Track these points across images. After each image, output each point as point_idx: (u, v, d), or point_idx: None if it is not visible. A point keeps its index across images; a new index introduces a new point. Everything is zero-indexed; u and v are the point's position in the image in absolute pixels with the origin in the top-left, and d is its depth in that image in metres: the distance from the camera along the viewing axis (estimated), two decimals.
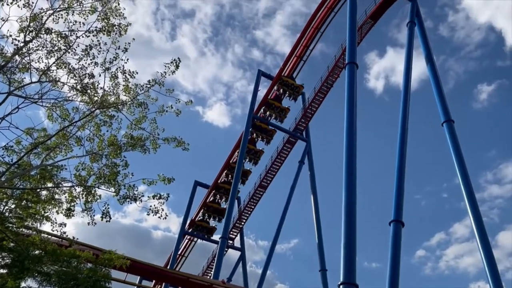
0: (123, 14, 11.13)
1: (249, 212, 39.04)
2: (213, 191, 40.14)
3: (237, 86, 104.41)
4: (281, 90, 35.82)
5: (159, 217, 10.98)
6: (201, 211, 41.05)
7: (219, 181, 39.83)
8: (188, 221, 41.46)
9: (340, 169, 18.30)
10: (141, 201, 11.09)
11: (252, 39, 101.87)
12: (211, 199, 40.34)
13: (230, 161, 38.79)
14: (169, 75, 10.73)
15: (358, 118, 19.63)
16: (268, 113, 36.52)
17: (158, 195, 11.17)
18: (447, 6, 74.25)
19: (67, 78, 10.77)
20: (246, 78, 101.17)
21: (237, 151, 35.94)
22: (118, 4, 10.69)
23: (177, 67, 10.64)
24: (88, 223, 11.44)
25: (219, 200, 40.48)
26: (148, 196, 11.23)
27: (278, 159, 37.10)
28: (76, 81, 10.68)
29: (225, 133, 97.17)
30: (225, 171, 39.30)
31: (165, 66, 10.61)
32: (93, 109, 10.95)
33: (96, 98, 10.95)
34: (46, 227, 13.84)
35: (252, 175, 38.92)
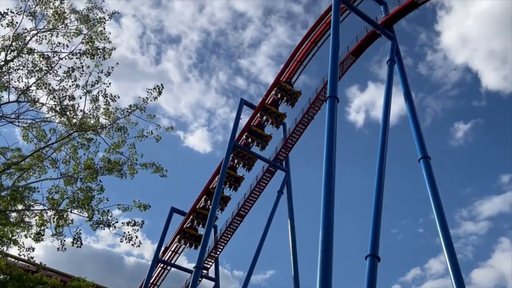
0: (108, 38, 11.17)
1: (225, 241, 38.44)
2: (191, 217, 39.53)
3: (220, 113, 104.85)
4: (264, 118, 36.03)
5: (132, 244, 10.71)
6: (177, 237, 40.25)
7: (197, 207, 39.30)
8: (162, 249, 40.51)
9: (318, 201, 18.38)
10: (114, 227, 10.82)
11: (236, 67, 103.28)
12: (188, 225, 39.68)
13: (210, 187, 38.45)
14: (151, 100, 10.72)
15: (338, 150, 19.87)
16: (250, 139, 36.58)
17: (133, 222, 10.93)
18: (426, 45, 77.30)
19: (47, 99, 10.65)
20: (229, 105, 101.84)
21: (217, 176, 35.70)
22: (104, 28, 10.74)
23: (159, 93, 10.65)
24: (58, 249, 11.06)
25: (196, 226, 39.90)
26: (122, 223, 10.99)
27: (257, 188, 36.95)
28: (56, 103, 10.55)
29: (205, 159, 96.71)
30: (204, 197, 38.87)
31: (148, 92, 10.61)
32: (71, 131, 10.78)
33: (75, 120, 10.81)
34: (13, 251, 13.31)
35: (231, 203, 38.62)
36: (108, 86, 10.50)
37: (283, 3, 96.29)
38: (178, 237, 40.21)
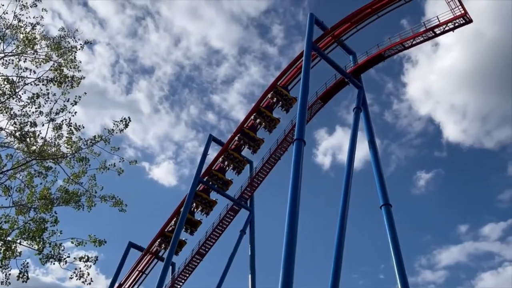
0: (79, 66, 11.05)
1: (183, 280, 37.15)
2: (148, 255, 38.15)
3: (188, 147, 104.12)
4: (226, 163, 36.03)
5: (83, 282, 10.15)
6: (134, 274, 38.59)
7: (152, 247, 38.00)
8: (116, 285, 38.62)
9: (281, 242, 18.29)
10: (66, 262, 10.28)
11: (208, 102, 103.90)
12: (144, 263, 38.21)
13: (166, 230, 37.48)
14: (117, 132, 10.53)
15: (303, 192, 20.06)
16: (214, 178, 36.29)
17: (86, 257, 10.42)
18: (393, 95, 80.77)
19: (7, 124, 10.27)
20: (198, 139, 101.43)
21: (174, 220, 35.10)
22: (75, 58, 10.63)
23: (126, 126, 10.50)
24: (2, 282, 10.35)
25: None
26: (74, 257, 10.44)
27: (219, 227, 36.33)
28: (16, 128, 10.18)
29: (169, 193, 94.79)
30: (158, 240, 37.80)
31: (114, 124, 10.44)
32: (29, 158, 10.38)
33: (34, 147, 10.43)
34: None
35: (193, 240, 37.67)
36: (73, 115, 10.29)
37: (258, 44, 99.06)
38: (134, 273, 38.58)
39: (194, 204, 35.67)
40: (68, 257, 10.37)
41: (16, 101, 10.12)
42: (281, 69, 36.26)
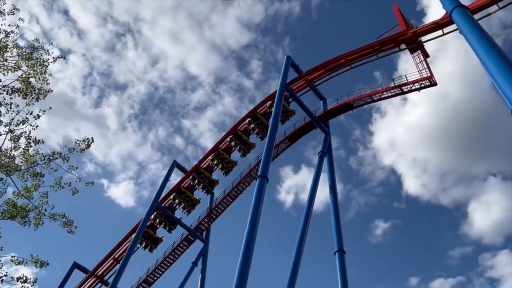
0: (48, 79, 10.83)
1: None
2: (92, 278, 36.38)
3: (151, 168, 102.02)
4: (196, 181, 35.46)
5: None
6: None
7: (98, 270, 36.36)
8: None
9: (233, 277, 17.93)
10: (2, 281, 9.68)
11: (178, 126, 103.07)
12: (87, 286, 36.35)
13: (117, 251, 36.10)
14: (77, 151, 10.27)
15: (262, 227, 19.94)
16: (177, 201, 35.50)
17: (24, 278, 9.86)
18: (360, 142, 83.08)
19: None
20: (162, 162, 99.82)
21: (129, 240, 33.87)
22: (45, 71, 10.43)
23: (88, 146, 10.26)
24: None
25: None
26: (12, 277, 9.86)
27: (171, 256, 35.35)
28: None
29: (125, 214, 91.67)
30: (110, 259, 36.25)
31: (76, 143, 10.18)
32: None
33: None
34: None
35: (142, 264, 36.35)
36: (34, 129, 9.97)
37: (235, 75, 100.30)
38: None
39: (158, 220, 34.88)
40: (5, 275, 9.79)
41: None
42: (255, 103, 36.59)
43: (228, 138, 34.36)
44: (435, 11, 22.49)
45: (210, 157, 34.95)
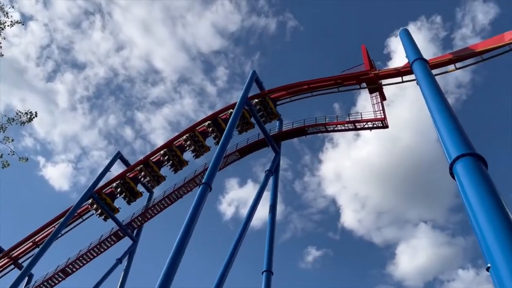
0: (0, 43, 10.16)
1: None
2: (4, 259, 34.08)
3: (94, 155, 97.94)
4: (143, 173, 34.43)
5: None
6: None
7: (13, 251, 34.16)
8: None
9: (157, 280, 17.37)
10: None
11: (131, 117, 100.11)
12: None
13: (39, 234, 34.22)
14: (17, 123, 9.65)
15: (198, 235, 19.60)
16: (119, 189, 34.28)
17: None
18: (308, 167, 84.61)
19: None
20: (107, 151, 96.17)
21: (54, 225, 32.20)
22: (0, 34, 9.78)
23: (30, 120, 9.68)
24: None
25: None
26: None
27: (96, 248, 33.91)
28: None
29: (57, 197, 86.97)
30: (29, 242, 34.21)
31: (17, 114, 9.57)
32: None
33: None
34: None
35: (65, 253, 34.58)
36: None
37: (200, 79, 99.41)
38: None
39: (95, 206, 33.46)
40: None
41: None
42: (215, 109, 36.22)
43: (184, 137, 33.78)
44: (400, 57, 23.72)
45: (161, 152, 34.19)
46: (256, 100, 31.91)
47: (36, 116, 9.68)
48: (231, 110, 32.69)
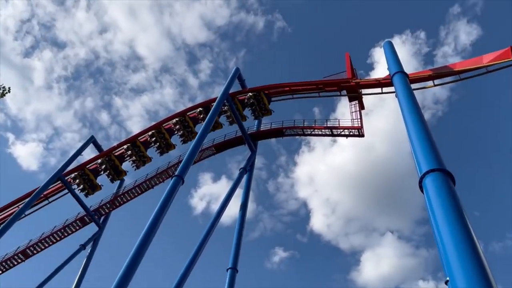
0: None
1: None
2: None
3: (67, 137, 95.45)
4: (103, 166, 33.84)
5: None
6: None
7: None
8: None
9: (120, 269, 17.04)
10: None
11: (108, 102, 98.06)
12: None
13: None
14: None
15: (166, 228, 19.40)
16: (77, 180, 33.62)
17: None
18: (283, 168, 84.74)
19: None
20: (81, 134, 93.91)
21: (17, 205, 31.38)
22: None
23: (2, 95, 9.36)
24: None
25: None
26: None
27: (60, 232, 33.14)
28: None
29: (24, 177, 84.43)
30: None
31: None
32: None
33: None
34: None
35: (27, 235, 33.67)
36: None
37: (183, 70, 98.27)
38: None
39: (78, 181, 33.17)
40: None
41: None
42: (195, 102, 35.78)
43: (150, 133, 33.32)
44: (382, 68, 24.06)
45: (125, 146, 33.64)
46: (251, 94, 31.52)
47: (9, 91, 9.37)
48: (200, 108, 32.38)
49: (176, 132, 33.22)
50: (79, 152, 34.90)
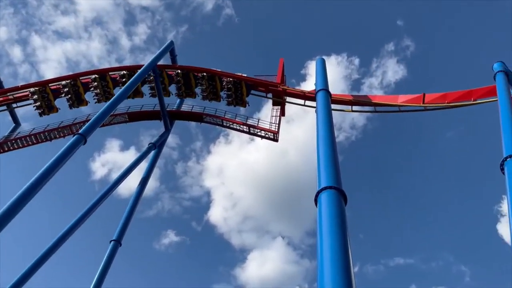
0: None
1: None
2: None
3: None
4: (66, 89, 30.96)
5: None
6: None
7: None
8: None
9: None
10: None
11: (25, 38, 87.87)
12: None
13: None
14: None
15: (53, 185, 18.05)
16: (66, 90, 30.97)
17: None
18: (195, 154, 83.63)
19: None
20: None
21: None
22: None
23: None
24: None
25: None
26: None
27: None
28: None
29: None
30: None
31: None
32: None
33: None
34: None
35: None
36: None
37: (117, 27, 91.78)
38: None
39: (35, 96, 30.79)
40: None
41: None
42: (121, 63, 33.90)
43: (64, 82, 30.95)
44: (312, 82, 24.93)
45: (32, 89, 30.85)
46: (231, 79, 29.72)
47: None
48: (124, 71, 30.68)
49: (92, 89, 31.20)
50: None
